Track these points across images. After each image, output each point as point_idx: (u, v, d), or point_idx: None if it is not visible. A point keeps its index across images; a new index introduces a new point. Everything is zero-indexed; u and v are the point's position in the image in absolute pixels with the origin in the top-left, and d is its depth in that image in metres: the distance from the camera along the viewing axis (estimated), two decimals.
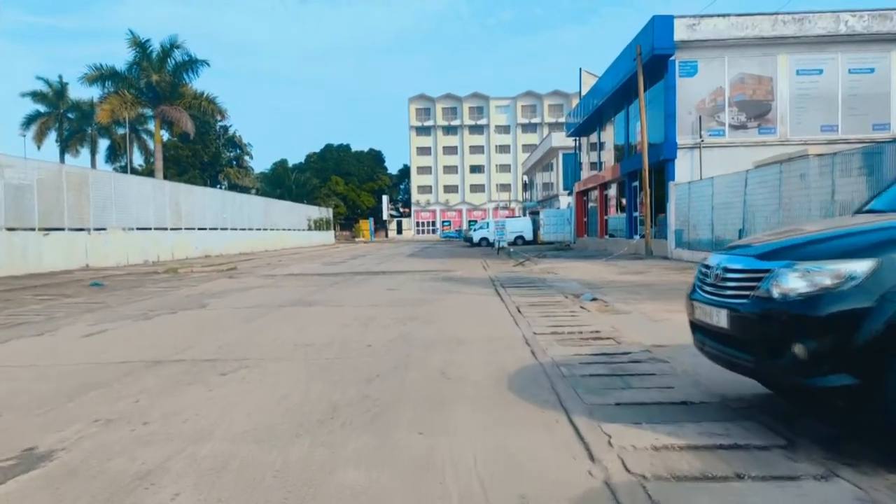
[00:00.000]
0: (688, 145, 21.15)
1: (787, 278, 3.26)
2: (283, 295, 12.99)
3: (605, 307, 9.89)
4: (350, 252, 38.51)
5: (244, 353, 6.78)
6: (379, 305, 10.86)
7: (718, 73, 20.96)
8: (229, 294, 13.44)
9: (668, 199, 20.96)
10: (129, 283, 16.64)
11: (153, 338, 7.98)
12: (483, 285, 14.42)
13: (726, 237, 16.43)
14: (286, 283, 15.87)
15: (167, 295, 13.62)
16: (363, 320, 9.05)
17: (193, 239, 30.92)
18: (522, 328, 8.05)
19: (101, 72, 34.18)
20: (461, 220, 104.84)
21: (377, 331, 8.12)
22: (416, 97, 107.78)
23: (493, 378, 5.36)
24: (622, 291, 11.93)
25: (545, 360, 6.03)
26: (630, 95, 25.80)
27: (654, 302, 10.15)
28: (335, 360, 6.35)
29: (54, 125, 53.36)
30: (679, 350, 6.27)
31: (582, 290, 12.32)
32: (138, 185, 26.61)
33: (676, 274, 15.37)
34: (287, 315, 9.88)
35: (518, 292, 12.41)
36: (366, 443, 3.79)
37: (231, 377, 5.63)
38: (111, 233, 23.87)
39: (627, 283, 13.65)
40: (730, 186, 16.36)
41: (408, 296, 12.34)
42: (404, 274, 18.36)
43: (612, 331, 7.59)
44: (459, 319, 9.05)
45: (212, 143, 61.52)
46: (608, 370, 5.50)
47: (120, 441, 3.93)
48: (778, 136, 20.98)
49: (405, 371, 5.74)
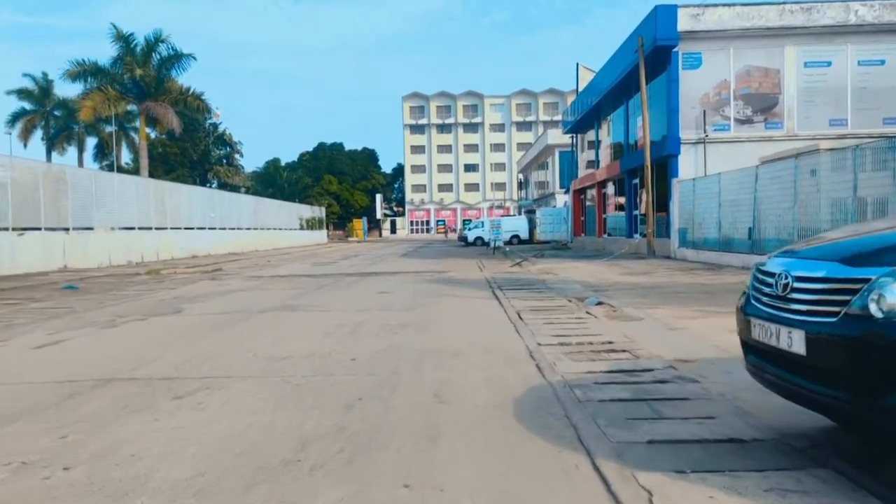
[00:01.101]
0: (691, 141, 20.34)
1: (894, 290, 2.44)
2: (266, 299, 12.14)
3: (614, 312, 9.08)
4: (342, 252, 37.65)
5: (209, 369, 5.94)
6: (368, 310, 10.03)
7: (723, 65, 20.17)
8: (209, 298, 12.58)
9: (671, 196, 20.17)
10: (106, 286, 15.77)
11: (112, 350, 7.14)
12: (479, 287, 13.60)
13: (735, 236, 15.67)
14: (271, 286, 15.02)
15: (142, 299, 12.76)
16: (350, 328, 8.23)
17: (180, 239, 29.97)
18: (525, 337, 7.23)
19: (83, 67, 33.02)
20: (455, 219, 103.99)
21: (364, 341, 7.29)
22: (410, 95, 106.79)
23: (495, 402, 4.55)
24: (629, 294, 11.13)
25: (554, 378, 5.22)
26: (630, 90, 25.01)
27: (667, 307, 9.35)
28: (313, 378, 5.52)
29: (40, 123, 52.24)
30: (708, 366, 5.46)
31: (585, 293, 11.51)
32: (121, 183, 25.66)
33: (683, 275, 14.59)
34: (266, 322, 9.04)
35: (517, 295, 11.59)
36: (338, 498, 2.96)
37: (187, 402, 4.79)
38: (92, 233, 22.94)
39: (633, 285, 12.85)
40: (739, 183, 15.58)
41: (400, 299, 11.51)
42: (397, 275, 17.53)
43: (626, 341, 6.78)
44: (455, 327, 8.23)
45: (201, 140, 60.24)
46: (631, 393, 4.68)
47: (23, 497, 3.08)
48: (785, 130, 20.19)
49: (392, 392, 4.92)
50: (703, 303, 9.60)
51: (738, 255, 15.43)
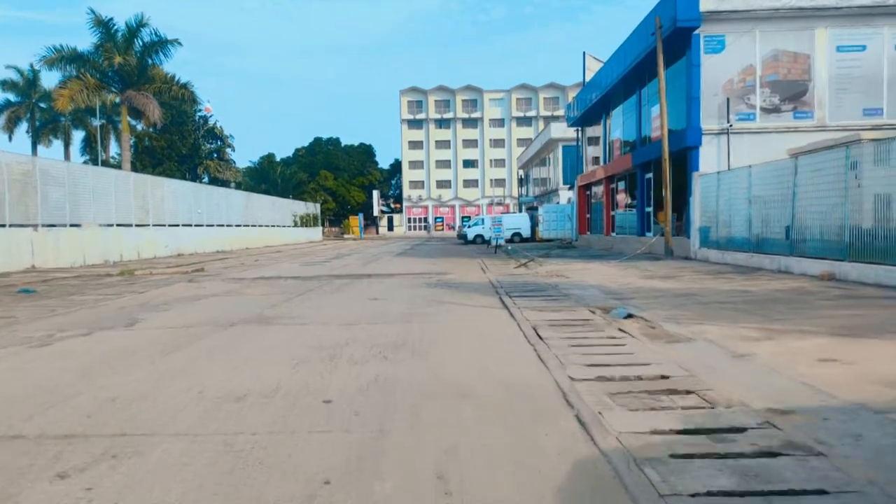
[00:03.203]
0: (713, 131, 18.69)
1: None
2: (241, 307, 10.56)
3: (652, 330, 7.51)
4: (336, 250, 36.07)
5: (129, 419, 4.37)
6: (356, 324, 8.47)
7: (749, 49, 18.52)
8: (174, 305, 10.99)
9: (691, 191, 18.55)
10: (68, 289, 14.17)
11: (23, 382, 5.56)
12: (484, 293, 12.03)
13: (768, 236, 14.04)
14: (251, 290, 13.43)
15: (101, 306, 11.18)
16: (330, 350, 6.67)
17: (163, 236, 28.32)
18: (551, 367, 5.67)
19: (61, 53, 31.07)
20: (454, 216, 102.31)
21: (346, 370, 5.74)
22: (408, 89, 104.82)
23: (532, 495, 2.98)
24: (661, 304, 9.54)
25: (609, 444, 3.65)
26: (644, 78, 23.38)
27: (715, 322, 7.77)
28: (268, 436, 3.96)
29: (25, 115, 50.53)
30: (820, 423, 3.91)
31: (609, 302, 9.94)
32: (97, 176, 23.95)
33: (714, 279, 12.98)
34: (231, 340, 7.46)
35: (529, 304, 10.01)
36: None
37: (71, 486, 3.21)
38: (64, 230, 21.29)
39: (661, 291, 11.26)
40: (773, 176, 13.94)
41: (393, 308, 9.94)
42: (392, 278, 15.94)
43: (685, 375, 5.21)
44: (461, 349, 6.66)
45: (190, 134, 58.11)
46: (733, 478, 3.11)
47: None
48: (815, 120, 18.57)
49: (375, 472, 3.35)
50: (758, 317, 8.02)
51: (772, 257, 13.82)
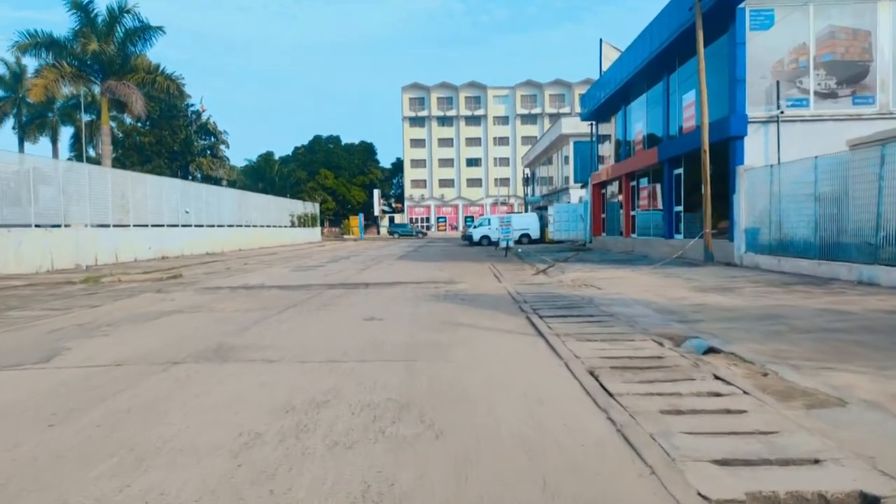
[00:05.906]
0: (760, 119, 16.38)
1: None
2: (200, 331, 8.32)
3: (763, 377, 5.27)
4: (334, 252, 33.81)
5: None
6: (342, 361, 6.25)
7: (801, 25, 16.22)
8: (120, 327, 8.76)
9: (734, 188, 16.23)
10: (11, 302, 11.99)
11: None
12: (506, 310, 9.78)
13: (843, 240, 11.74)
14: (224, 304, 11.18)
15: (31, 326, 9.00)
16: (299, 414, 4.46)
17: (145, 238, 26.06)
18: (654, 466, 3.44)
19: (35, 39, 28.73)
20: (457, 215, 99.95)
21: (317, 464, 3.54)
22: (410, 86, 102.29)
23: None
24: (745, 331, 7.27)
25: None
26: (671, 63, 21.08)
27: (848, 366, 5.50)
28: None
29: (11, 111, 48.28)
30: None
31: (670, 326, 7.70)
32: (68, 171, 21.68)
33: (786, 293, 10.62)
34: (159, 395, 5.21)
35: (568, 329, 7.76)
36: None
37: None
38: (28, 230, 19.06)
39: (730, 310, 8.97)
40: (848, 169, 11.69)
41: (394, 335, 7.70)
42: (393, 287, 13.69)
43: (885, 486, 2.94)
44: (494, 418, 4.41)
45: (181, 129, 55.52)
46: None
47: None
48: (877, 107, 16.27)
49: None
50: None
51: (850, 266, 11.52)
